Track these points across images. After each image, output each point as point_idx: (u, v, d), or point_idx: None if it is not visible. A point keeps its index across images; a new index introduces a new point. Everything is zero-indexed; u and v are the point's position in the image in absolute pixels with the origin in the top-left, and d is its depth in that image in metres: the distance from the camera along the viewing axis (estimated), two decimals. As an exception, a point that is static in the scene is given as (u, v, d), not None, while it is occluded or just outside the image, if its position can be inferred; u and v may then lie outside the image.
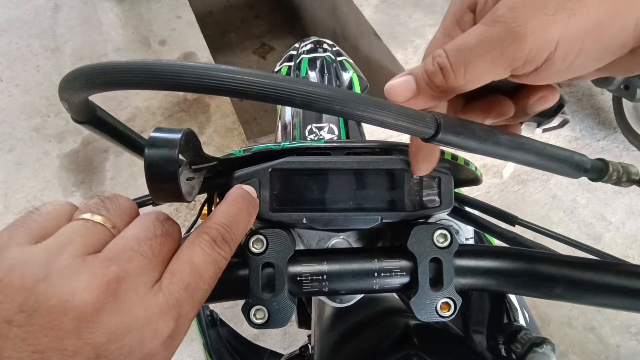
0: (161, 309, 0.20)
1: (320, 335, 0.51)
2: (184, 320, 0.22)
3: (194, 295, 0.22)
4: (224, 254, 0.24)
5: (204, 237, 0.24)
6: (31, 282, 0.18)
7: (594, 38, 0.21)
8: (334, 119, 0.79)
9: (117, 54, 2.08)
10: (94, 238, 0.21)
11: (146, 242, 0.22)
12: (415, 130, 0.24)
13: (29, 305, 0.18)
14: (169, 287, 0.21)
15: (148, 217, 0.24)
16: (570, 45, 0.21)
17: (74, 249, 0.20)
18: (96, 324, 0.18)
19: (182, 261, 0.22)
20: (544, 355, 0.35)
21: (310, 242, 0.38)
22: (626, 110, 1.67)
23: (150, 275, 0.21)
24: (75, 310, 0.18)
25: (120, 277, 0.20)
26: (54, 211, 0.22)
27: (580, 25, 0.21)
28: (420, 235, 0.30)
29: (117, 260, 0.20)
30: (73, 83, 0.24)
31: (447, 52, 0.24)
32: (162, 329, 0.20)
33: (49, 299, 0.18)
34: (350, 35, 2.34)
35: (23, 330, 0.17)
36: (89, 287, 0.19)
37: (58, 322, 0.18)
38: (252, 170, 0.30)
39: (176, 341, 0.22)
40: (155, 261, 0.22)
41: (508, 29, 0.21)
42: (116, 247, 0.21)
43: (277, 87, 0.21)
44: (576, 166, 0.31)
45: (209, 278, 0.23)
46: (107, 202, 0.23)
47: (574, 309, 1.42)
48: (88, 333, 0.18)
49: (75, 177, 1.69)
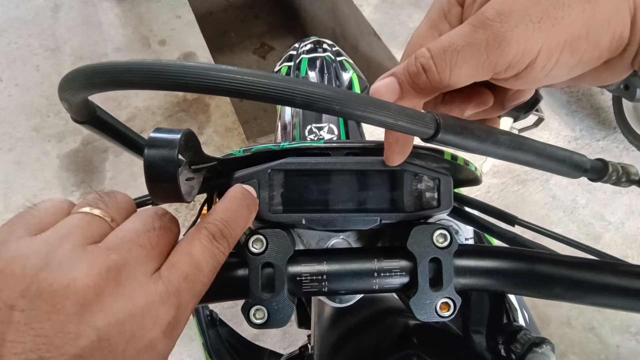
0: (161, 296, 0.21)
1: (320, 335, 0.51)
2: (183, 310, 0.22)
3: (194, 286, 0.22)
4: (223, 249, 0.24)
5: (203, 232, 0.24)
6: (32, 271, 0.18)
7: (571, 49, 0.22)
8: (333, 119, 0.79)
9: (117, 54, 2.08)
10: (93, 230, 0.21)
11: (144, 234, 0.22)
12: (415, 131, 0.24)
13: (31, 290, 0.18)
14: (169, 276, 0.21)
15: (147, 211, 0.24)
16: (549, 55, 0.22)
17: (73, 239, 0.20)
18: (98, 307, 0.19)
19: (181, 253, 0.23)
20: (543, 355, 0.35)
21: (310, 242, 0.38)
22: (626, 110, 1.67)
23: (149, 265, 0.21)
24: (77, 294, 0.18)
25: (120, 264, 0.20)
26: (52, 207, 0.22)
27: (561, 36, 0.21)
28: (419, 235, 0.30)
29: (117, 250, 0.20)
30: (73, 83, 0.24)
31: (431, 53, 0.24)
32: (162, 316, 0.20)
33: (51, 284, 0.18)
34: (350, 35, 2.34)
35: (26, 315, 0.17)
36: (90, 273, 0.19)
37: (60, 306, 0.18)
38: (252, 170, 0.30)
39: (176, 330, 0.22)
40: (154, 252, 0.22)
41: (495, 33, 0.21)
42: (115, 239, 0.21)
43: (277, 87, 0.21)
44: (576, 166, 0.31)
45: (208, 271, 0.23)
46: (105, 197, 0.23)
47: (573, 308, 1.42)
48: (90, 316, 0.18)
49: (75, 177, 1.69)
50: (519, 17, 0.21)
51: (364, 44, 2.23)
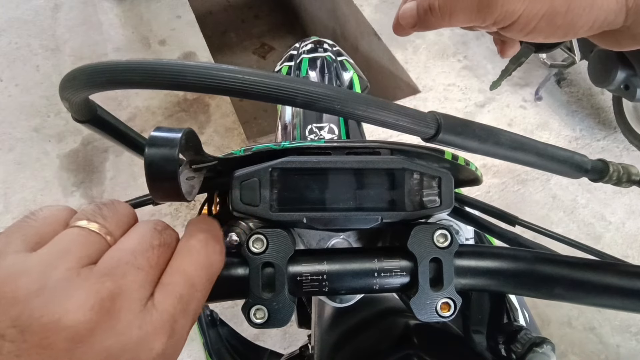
0: (155, 327, 0.20)
1: (320, 335, 0.51)
2: (179, 335, 0.21)
3: (188, 307, 0.22)
4: (220, 248, 0.24)
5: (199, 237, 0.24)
6: (24, 296, 0.18)
7: (547, 21, 0.26)
8: (334, 119, 0.79)
9: (117, 54, 2.08)
10: (90, 248, 0.20)
11: (143, 255, 0.21)
12: (416, 131, 0.24)
13: (22, 320, 0.17)
14: (163, 303, 0.21)
15: (146, 226, 0.23)
16: (528, 21, 0.26)
17: (69, 260, 0.19)
18: (90, 343, 0.18)
19: (173, 272, 0.22)
20: (544, 355, 0.35)
21: (310, 241, 0.38)
22: (626, 110, 1.67)
23: (145, 289, 0.21)
24: (68, 330, 0.17)
25: (114, 294, 0.19)
26: (50, 216, 0.22)
27: (540, 8, 0.25)
28: (420, 235, 0.30)
29: (112, 276, 0.20)
30: (74, 82, 0.24)
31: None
32: (157, 346, 0.20)
33: (42, 315, 0.17)
34: (350, 35, 2.35)
35: (15, 347, 0.17)
36: (82, 306, 0.18)
37: (50, 342, 0.17)
38: (253, 169, 0.30)
39: (174, 354, 0.21)
40: (152, 273, 0.21)
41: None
42: (111, 260, 0.20)
43: (278, 86, 0.21)
44: (577, 167, 0.31)
45: (202, 286, 0.23)
46: (104, 209, 0.22)
47: (573, 309, 1.42)
48: (81, 354, 0.18)
49: (75, 177, 1.69)
50: None
51: (364, 44, 2.23)
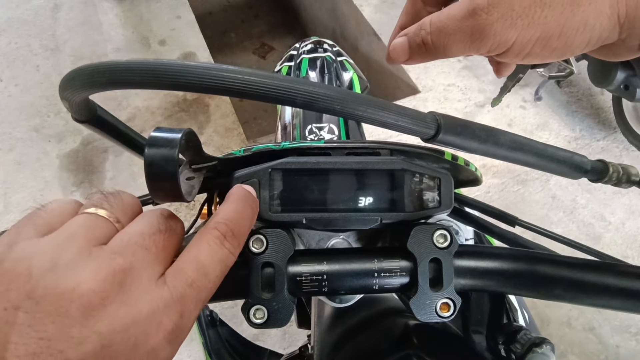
0: (165, 303, 0.20)
1: (320, 335, 0.51)
2: (187, 317, 0.22)
3: (199, 294, 0.22)
4: (233, 250, 0.24)
5: (213, 233, 0.23)
6: (39, 272, 0.18)
7: (542, 45, 0.25)
8: (334, 119, 0.79)
9: (117, 54, 2.08)
10: (99, 231, 0.21)
11: (150, 237, 0.22)
12: (416, 131, 0.24)
13: (36, 292, 0.18)
14: (174, 282, 0.21)
15: (152, 213, 0.24)
16: (522, 47, 0.26)
17: (79, 241, 0.20)
18: (102, 312, 0.19)
19: (188, 259, 0.22)
20: (543, 356, 0.35)
21: (310, 242, 0.38)
22: (626, 110, 1.67)
23: (154, 269, 0.21)
24: (82, 298, 0.18)
25: (125, 268, 0.20)
26: (58, 208, 0.22)
27: (534, 33, 0.25)
28: (420, 235, 0.30)
29: (122, 254, 0.20)
30: (74, 82, 0.24)
31: (430, 29, 0.28)
32: (166, 323, 0.20)
33: (56, 286, 0.18)
34: (350, 35, 2.35)
35: (30, 317, 0.17)
36: (95, 277, 0.19)
37: (65, 310, 0.18)
38: (252, 170, 0.30)
39: (180, 337, 0.22)
40: (159, 256, 0.22)
41: (479, 25, 0.25)
42: (121, 242, 0.21)
43: (278, 87, 0.21)
44: (576, 167, 0.31)
45: (215, 277, 0.23)
46: (110, 197, 0.23)
47: (573, 309, 1.42)
48: (94, 321, 0.18)
49: (75, 177, 1.69)
50: (503, 11, 0.24)
51: (364, 44, 2.23)
